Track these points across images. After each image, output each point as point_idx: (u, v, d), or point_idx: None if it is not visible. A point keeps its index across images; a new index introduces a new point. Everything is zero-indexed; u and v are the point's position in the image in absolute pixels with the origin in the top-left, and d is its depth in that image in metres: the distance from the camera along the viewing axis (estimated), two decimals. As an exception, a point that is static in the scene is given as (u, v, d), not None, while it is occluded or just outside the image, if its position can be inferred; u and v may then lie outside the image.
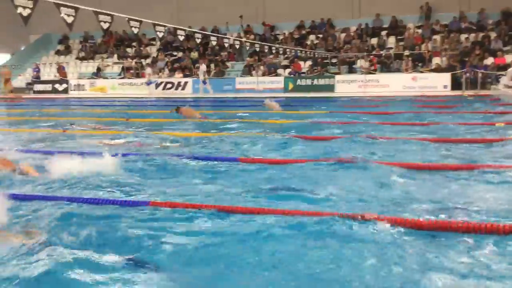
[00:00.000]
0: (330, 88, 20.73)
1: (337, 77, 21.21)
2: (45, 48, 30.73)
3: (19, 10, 6.35)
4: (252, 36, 26.08)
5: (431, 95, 17.34)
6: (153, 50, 28.15)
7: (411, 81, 19.76)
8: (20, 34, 30.13)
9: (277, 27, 27.20)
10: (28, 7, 6.25)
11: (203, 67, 21.74)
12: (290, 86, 21.45)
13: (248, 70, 23.42)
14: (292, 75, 22.33)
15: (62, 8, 7.38)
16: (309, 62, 23.18)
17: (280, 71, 23.25)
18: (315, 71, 22.16)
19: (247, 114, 12.12)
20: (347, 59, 22.79)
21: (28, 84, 25.68)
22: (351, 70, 22.39)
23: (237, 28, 27.35)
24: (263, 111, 12.60)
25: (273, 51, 21.56)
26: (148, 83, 22.89)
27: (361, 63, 22.42)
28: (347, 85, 20.73)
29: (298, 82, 21.52)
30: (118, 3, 29.92)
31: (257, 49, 20.29)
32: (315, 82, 21.26)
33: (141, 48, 27.98)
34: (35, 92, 24.96)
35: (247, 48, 22.80)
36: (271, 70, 22.88)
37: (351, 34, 24.56)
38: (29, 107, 16.84)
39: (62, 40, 30.61)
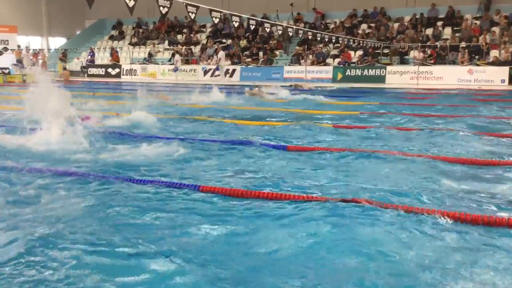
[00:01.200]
0: (381, 79, 20.23)
1: (388, 68, 20.65)
2: (99, 33, 31.67)
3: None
4: (302, 25, 25.78)
5: (487, 89, 16.61)
6: (202, 37, 28.42)
7: (466, 74, 18.95)
8: (76, 19, 31.25)
9: (328, 15, 26.75)
10: None
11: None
12: (339, 76, 21.10)
13: (296, 59, 23.22)
14: (341, 65, 21.94)
15: None
16: (359, 52, 22.68)
17: (329, 60, 22.90)
18: (366, 61, 21.67)
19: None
20: (399, 49, 22.13)
21: (83, 67, 26.58)
22: (403, 61, 21.73)
23: (287, 16, 27.13)
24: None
25: (324, 40, 21.21)
26: (175, 70, 23.84)
27: (414, 54, 21.71)
28: (398, 77, 20.16)
29: (348, 72, 21.12)
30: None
31: (310, 37, 19.92)
32: (365, 72, 20.79)
33: (191, 35, 28.29)
34: (89, 75, 25.81)
35: (299, 35, 22.51)
36: (320, 59, 22.57)
37: (405, 24, 23.78)
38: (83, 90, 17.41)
39: (116, 25, 31.44)
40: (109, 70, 25.56)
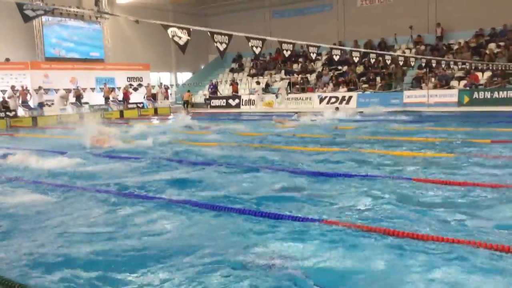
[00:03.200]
0: (514, 101, 18.52)
1: (523, 89, 18.84)
2: (221, 67, 33.64)
3: (217, 45, 7.05)
4: (422, 47, 24.79)
5: None
6: (318, 65, 28.68)
7: None
8: (200, 55, 33.63)
9: (451, 36, 25.38)
10: (224, 42, 6.98)
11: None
12: (466, 99, 19.72)
13: (417, 83, 22.26)
14: (468, 88, 20.53)
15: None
16: (488, 73, 21.05)
17: (453, 83, 21.59)
18: (495, 83, 20.01)
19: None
20: (535, 68, 20.08)
21: (206, 99, 28.34)
22: (541, 81, 19.68)
23: (406, 39, 26.32)
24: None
25: (446, 63, 20.10)
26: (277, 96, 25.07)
27: (554, 72, 19.53)
28: (534, 98, 18.28)
29: (475, 95, 19.67)
30: (286, 23, 31.46)
31: (423, 63, 19.06)
32: (496, 95, 19.19)
33: (307, 64, 28.71)
34: (211, 107, 27.41)
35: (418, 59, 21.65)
36: (443, 82, 21.37)
37: (541, 41, 21.62)
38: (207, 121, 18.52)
39: (236, 59, 33.19)
40: (230, 101, 26.89)
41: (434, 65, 16.80)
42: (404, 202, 5.02)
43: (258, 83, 26.73)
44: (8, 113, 20.17)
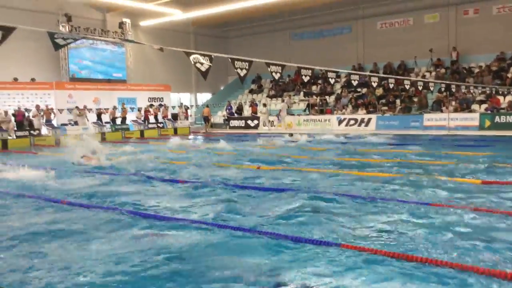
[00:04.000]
0: (537, 126, 18.21)
1: (546, 113, 18.54)
2: (240, 88, 33.98)
3: (238, 71, 7.24)
4: (442, 70, 24.69)
5: None
6: (337, 87, 28.76)
7: None
8: (220, 76, 34.08)
9: (471, 59, 25.24)
10: (245, 68, 7.17)
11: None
12: (487, 123, 19.48)
13: (437, 106, 22.10)
14: (489, 111, 20.30)
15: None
16: (509, 97, 20.80)
17: (474, 106, 21.37)
18: (518, 106, 19.76)
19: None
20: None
21: (225, 120, 28.57)
22: None
23: (426, 62, 26.26)
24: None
25: (466, 86, 19.98)
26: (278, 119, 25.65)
27: None
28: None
29: (497, 119, 19.42)
30: (305, 45, 31.75)
31: (442, 88, 18.99)
32: (518, 119, 18.92)
33: (326, 85, 28.81)
34: (230, 127, 27.61)
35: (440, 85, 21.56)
36: (464, 106, 21.18)
37: None
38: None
39: (255, 80, 33.51)
40: (249, 122, 27.06)
41: (453, 89, 16.69)
42: (423, 227, 4.99)
43: (264, 105, 27.31)
44: (32, 131, 20.66)
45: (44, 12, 24.43)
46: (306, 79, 9.07)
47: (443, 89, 17.48)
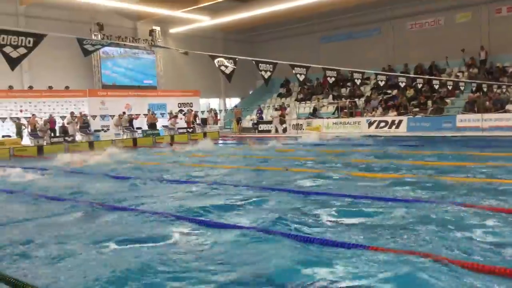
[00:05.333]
0: None
1: None
2: (269, 92, 34.06)
3: (262, 73, 7.34)
4: (475, 70, 24.10)
5: None
6: (367, 89, 28.45)
7: None
8: (248, 81, 34.23)
9: (505, 58, 24.54)
10: (269, 71, 7.26)
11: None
12: (523, 123, 18.89)
13: (471, 106, 21.57)
14: (525, 111, 19.66)
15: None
16: (547, 96, 20.12)
17: (509, 106, 20.73)
18: (556, 105, 19.08)
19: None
20: None
21: (254, 124, 28.67)
22: None
23: (458, 62, 25.68)
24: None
25: (499, 86, 19.44)
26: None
27: None
28: None
29: (533, 118, 18.81)
30: (334, 48, 31.58)
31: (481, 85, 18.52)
32: (556, 118, 18.26)
33: (355, 88, 28.55)
34: (259, 131, 27.68)
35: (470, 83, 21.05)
36: (498, 106, 20.59)
37: None
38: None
39: (283, 83, 33.52)
40: (284, 125, 27.04)
41: (485, 89, 16.27)
42: (450, 227, 4.89)
43: (276, 109, 27.60)
44: (66, 138, 21.28)
45: (78, 22, 25.18)
46: (331, 80, 9.03)
47: (473, 89, 16.95)
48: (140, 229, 5.42)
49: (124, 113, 24.35)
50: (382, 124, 23.25)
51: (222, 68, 7.00)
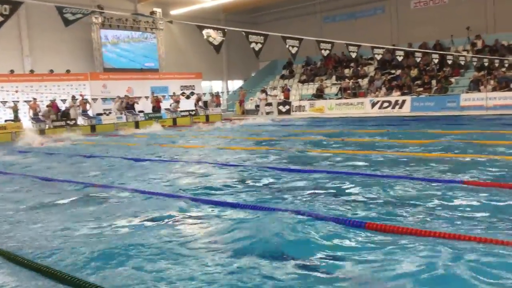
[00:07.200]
0: None
1: None
2: (271, 74, 33.77)
3: (252, 45, 7.23)
4: (479, 46, 23.72)
5: None
6: (370, 70, 28.13)
7: None
8: (251, 63, 33.92)
9: (511, 36, 24.11)
10: (260, 42, 7.15)
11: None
12: (528, 101, 18.64)
13: (475, 85, 21.28)
14: (530, 89, 19.37)
15: (288, 40, 7.99)
16: (553, 73, 19.78)
17: (514, 85, 20.43)
18: (562, 83, 18.77)
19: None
20: None
21: (257, 106, 28.49)
22: None
23: (463, 40, 25.28)
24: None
25: (505, 64, 19.13)
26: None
27: None
28: None
29: (538, 97, 18.54)
30: (338, 27, 31.17)
31: (486, 63, 18.30)
32: (561, 96, 17.98)
33: (359, 68, 28.23)
34: (262, 113, 27.50)
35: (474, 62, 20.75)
36: (503, 84, 20.29)
37: None
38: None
39: (286, 65, 33.20)
40: (280, 107, 26.88)
41: (486, 64, 16.02)
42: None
43: (262, 91, 27.57)
44: (68, 121, 21.26)
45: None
46: (325, 53, 8.90)
47: (485, 63, 16.55)
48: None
49: (126, 96, 24.23)
50: (386, 104, 23.03)
51: (210, 39, 6.90)
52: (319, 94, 26.88)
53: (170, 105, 25.71)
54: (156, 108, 25.04)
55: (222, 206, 5.23)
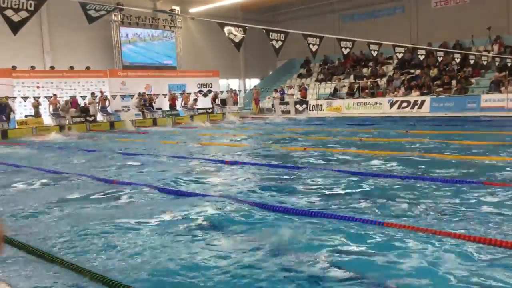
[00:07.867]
0: None
1: None
2: (289, 72, 33.71)
3: (273, 43, 7.22)
4: (501, 49, 23.35)
5: None
6: (389, 69, 27.89)
7: None
8: (268, 61, 33.95)
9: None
10: (280, 40, 7.15)
11: None
12: (551, 103, 18.30)
13: (496, 86, 20.95)
14: (553, 91, 19.01)
15: (308, 38, 7.96)
16: None
17: (537, 86, 20.08)
18: None
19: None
20: None
21: (273, 105, 28.46)
22: None
23: (484, 41, 24.90)
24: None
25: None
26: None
27: None
28: None
29: (562, 98, 18.19)
30: (356, 27, 30.98)
31: (508, 63, 18.01)
32: None
33: (377, 68, 28.01)
34: (276, 111, 27.47)
35: (496, 62, 20.43)
36: (525, 85, 19.95)
37: None
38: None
39: (303, 64, 33.11)
40: (297, 106, 26.82)
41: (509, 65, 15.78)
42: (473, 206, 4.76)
43: (276, 90, 27.99)
44: (87, 117, 21.52)
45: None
46: (346, 51, 8.88)
47: (508, 63, 16.30)
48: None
49: (144, 93, 24.45)
50: (404, 104, 22.82)
51: (231, 36, 6.93)
52: (350, 93, 26.51)
53: (182, 103, 25.86)
54: (172, 106, 25.20)
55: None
